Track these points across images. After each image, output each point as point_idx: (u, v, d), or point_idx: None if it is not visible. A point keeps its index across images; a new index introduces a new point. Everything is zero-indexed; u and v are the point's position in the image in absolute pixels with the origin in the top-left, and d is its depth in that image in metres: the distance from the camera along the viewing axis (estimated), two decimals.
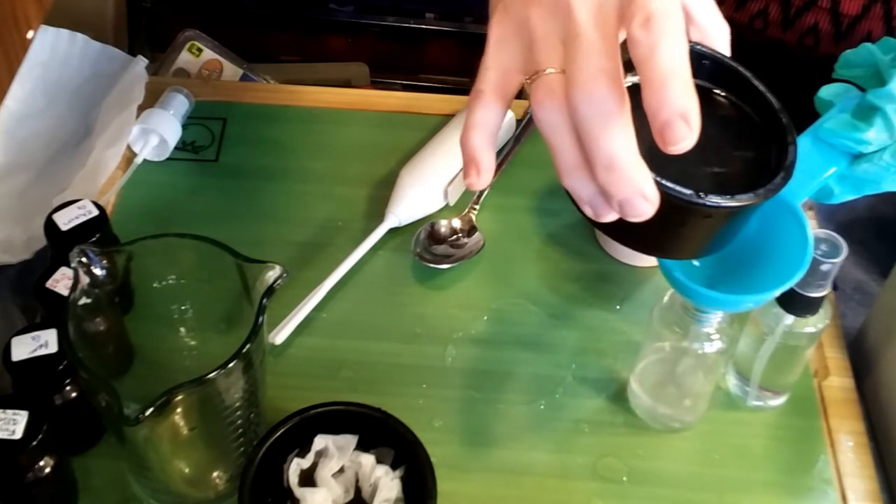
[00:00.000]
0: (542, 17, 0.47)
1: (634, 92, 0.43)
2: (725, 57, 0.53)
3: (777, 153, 0.50)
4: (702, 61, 0.51)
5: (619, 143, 0.43)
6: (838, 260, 0.61)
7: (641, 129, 0.43)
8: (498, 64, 0.49)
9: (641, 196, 0.44)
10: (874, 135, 0.57)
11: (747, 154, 0.51)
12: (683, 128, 0.42)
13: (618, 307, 0.77)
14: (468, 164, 0.49)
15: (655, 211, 0.44)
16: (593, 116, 0.43)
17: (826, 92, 0.62)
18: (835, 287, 0.79)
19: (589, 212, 0.46)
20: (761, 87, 0.52)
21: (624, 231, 0.48)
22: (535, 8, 0.48)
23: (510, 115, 0.87)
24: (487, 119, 0.49)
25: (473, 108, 0.49)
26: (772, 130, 0.51)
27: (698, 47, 0.51)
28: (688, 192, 0.46)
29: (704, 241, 0.50)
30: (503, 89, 0.49)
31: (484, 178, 0.49)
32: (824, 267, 0.61)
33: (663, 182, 0.45)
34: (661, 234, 0.49)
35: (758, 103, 0.52)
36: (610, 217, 0.46)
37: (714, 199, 0.46)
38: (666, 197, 0.45)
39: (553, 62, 0.46)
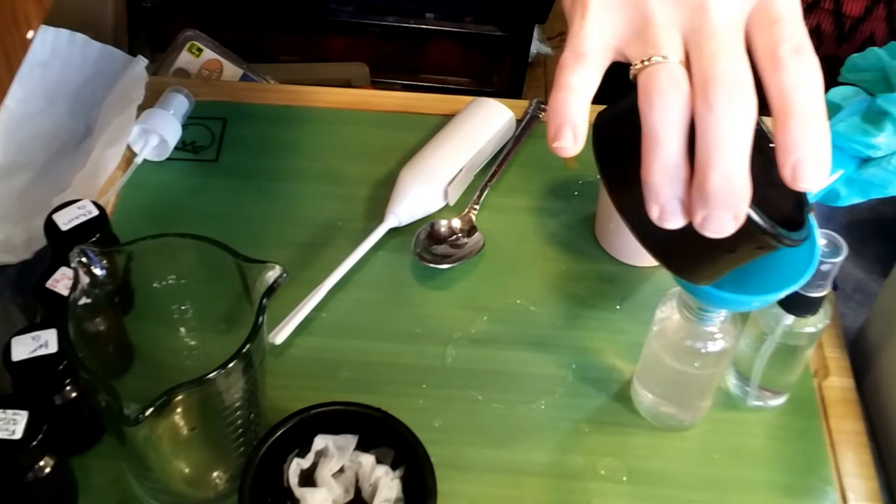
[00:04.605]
0: (664, 1, 0.44)
1: None
2: None
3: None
4: None
5: (745, 157, 0.41)
6: (838, 260, 0.61)
7: None
8: (601, 33, 0.45)
9: (734, 215, 0.42)
10: (884, 139, 0.57)
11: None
12: (818, 170, 0.41)
13: (618, 307, 0.77)
14: (561, 126, 0.44)
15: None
16: (731, 122, 0.41)
17: (835, 95, 0.62)
18: (835, 287, 0.79)
19: (655, 213, 0.43)
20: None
21: (666, 241, 0.46)
22: None
23: (510, 115, 0.87)
24: (587, 83, 0.45)
25: (573, 69, 0.45)
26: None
27: None
28: (767, 224, 0.44)
29: (732, 268, 0.49)
30: (604, 59, 0.45)
31: (579, 143, 0.44)
32: (824, 267, 0.61)
33: (749, 209, 0.43)
34: (704, 255, 0.47)
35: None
36: (675, 224, 0.43)
37: (787, 235, 0.45)
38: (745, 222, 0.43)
39: (674, 52, 0.43)
